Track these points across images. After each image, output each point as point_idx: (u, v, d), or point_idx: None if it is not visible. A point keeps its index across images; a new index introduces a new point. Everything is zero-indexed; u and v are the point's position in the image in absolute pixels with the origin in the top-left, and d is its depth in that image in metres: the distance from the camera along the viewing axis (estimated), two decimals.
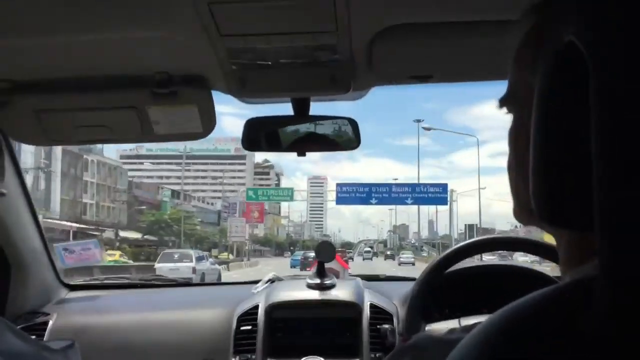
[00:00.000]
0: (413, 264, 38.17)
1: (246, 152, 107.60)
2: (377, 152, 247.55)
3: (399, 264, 39.85)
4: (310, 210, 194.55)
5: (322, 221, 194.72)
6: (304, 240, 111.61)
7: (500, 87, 0.55)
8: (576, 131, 0.41)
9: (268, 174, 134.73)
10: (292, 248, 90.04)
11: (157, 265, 19.07)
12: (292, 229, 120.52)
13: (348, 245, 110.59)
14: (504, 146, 0.54)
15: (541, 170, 0.46)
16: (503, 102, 0.56)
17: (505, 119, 0.55)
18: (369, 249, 76.76)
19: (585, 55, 0.39)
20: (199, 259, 21.70)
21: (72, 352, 0.73)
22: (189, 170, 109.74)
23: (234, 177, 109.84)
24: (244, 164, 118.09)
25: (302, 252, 42.53)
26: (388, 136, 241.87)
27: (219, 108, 1.37)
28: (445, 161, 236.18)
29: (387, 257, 63.72)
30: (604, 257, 0.37)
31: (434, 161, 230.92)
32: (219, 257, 48.32)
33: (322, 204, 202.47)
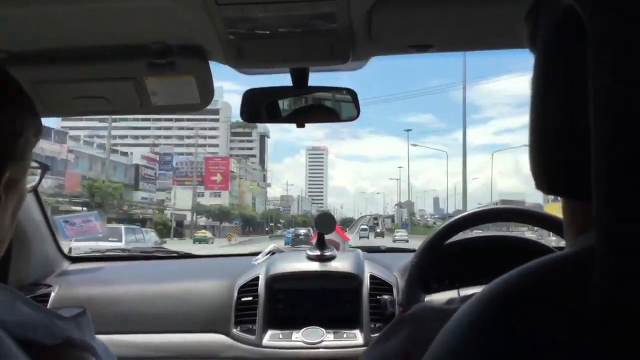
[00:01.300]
0: (407, 241, 40.24)
1: (220, 107, 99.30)
2: (379, 129, 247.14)
3: (394, 241, 41.47)
4: (309, 184, 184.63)
5: (322, 196, 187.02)
6: (293, 215, 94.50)
7: (506, 59, 0.52)
8: (575, 97, 0.40)
9: (250, 134, 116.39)
10: (272, 224, 74.82)
11: (73, 244, 14.25)
12: (279, 202, 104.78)
13: (348, 222, 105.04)
14: (508, 123, 0.52)
15: (539, 136, 0.45)
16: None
17: (510, 94, 0.53)
18: (366, 226, 75.26)
19: (584, 21, 0.38)
20: (132, 237, 17.49)
21: (83, 319, 0.72)
22: (148, 128, 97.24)
23: (204, 137, 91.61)
24: (217, 119, 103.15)
25: (293, 229, 41.02)
26: (391, 113, 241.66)
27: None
28: (449, 138, 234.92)
29: (377, 234, 63.87)
30: (602, 226, 0.36)
31: (439, 138, 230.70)
32: (196, 235, 42.13)
33: (322, 176, 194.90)
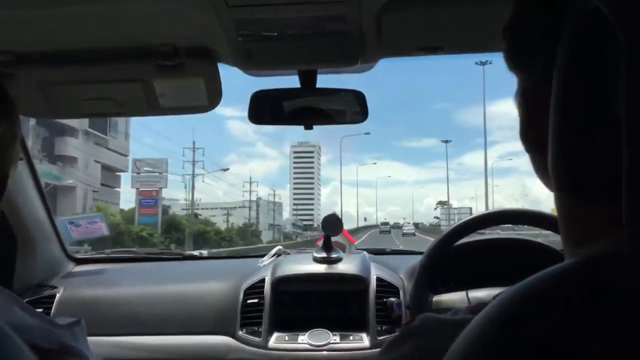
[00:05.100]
0: (414, 234, 48.54)
1: None
2: (385, 155, 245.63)
3: (403, 235, 48.82)
4: (295, 192, 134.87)
5: (311, 208, 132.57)
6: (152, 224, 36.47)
7: (512, 81, 0.52)
8: (602, 97, 0.40)
9: None
10: None
11: None
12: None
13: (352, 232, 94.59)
14: (512, 147, 0.51)
15: (562, 138, 0.45)
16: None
17: (514, 118, 0.53)
18: (387, 221, 75.67)
19: (612, 22, 0.37)
20: None
21: (78, 328, 0.72)
22: None
23: None
24: None
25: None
26: (397, 138, 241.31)
27: None
28: (454, 162, 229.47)
29: (381, 231, 66.98)
30: (633, 229, 0.35)
31: (443, 162, 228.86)
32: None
33: (312, 183, 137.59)
